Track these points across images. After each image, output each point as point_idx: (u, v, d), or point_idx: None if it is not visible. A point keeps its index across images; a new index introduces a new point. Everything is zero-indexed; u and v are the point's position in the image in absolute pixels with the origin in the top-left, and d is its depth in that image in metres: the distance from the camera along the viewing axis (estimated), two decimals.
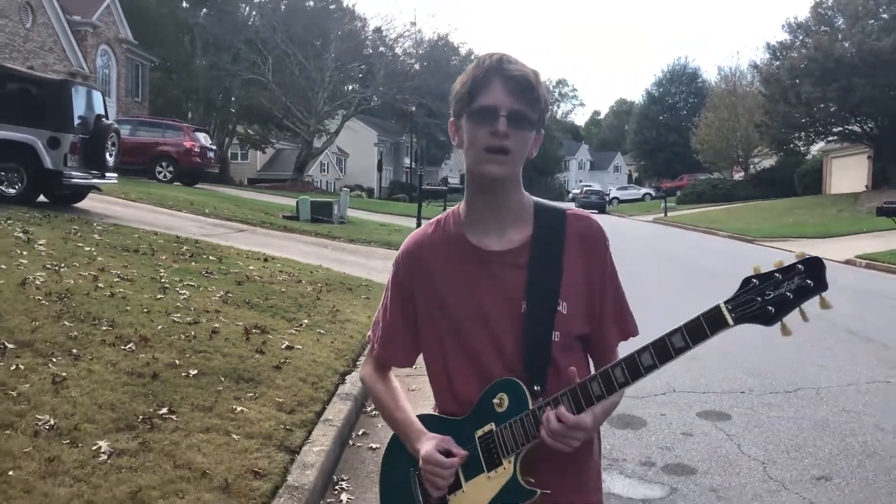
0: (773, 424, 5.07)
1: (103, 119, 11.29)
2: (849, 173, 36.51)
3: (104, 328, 5.03)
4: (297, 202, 18.62)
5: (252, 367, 4.91)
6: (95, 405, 3.80)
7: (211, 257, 8.94)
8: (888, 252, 16.14)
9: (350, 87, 42.49)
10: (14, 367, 4.08)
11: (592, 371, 1.54)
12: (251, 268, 8.75)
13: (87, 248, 7.71)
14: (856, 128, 34.41)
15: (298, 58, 36.40)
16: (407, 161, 54.64)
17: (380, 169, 46.20)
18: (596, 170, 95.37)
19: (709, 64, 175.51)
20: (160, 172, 21.76)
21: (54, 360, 4.32)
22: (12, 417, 3.48)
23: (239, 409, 4.15)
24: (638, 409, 5.32)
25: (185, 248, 9.25)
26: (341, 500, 3.70)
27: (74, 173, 10.52)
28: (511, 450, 1.47)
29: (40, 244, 7.37)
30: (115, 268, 7.00)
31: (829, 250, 18.40)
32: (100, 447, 3.35)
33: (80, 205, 11.87)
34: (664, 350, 1.36)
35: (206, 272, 7.79)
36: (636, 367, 1.39)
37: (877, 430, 4.98)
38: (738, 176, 49.89)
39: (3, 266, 6.04)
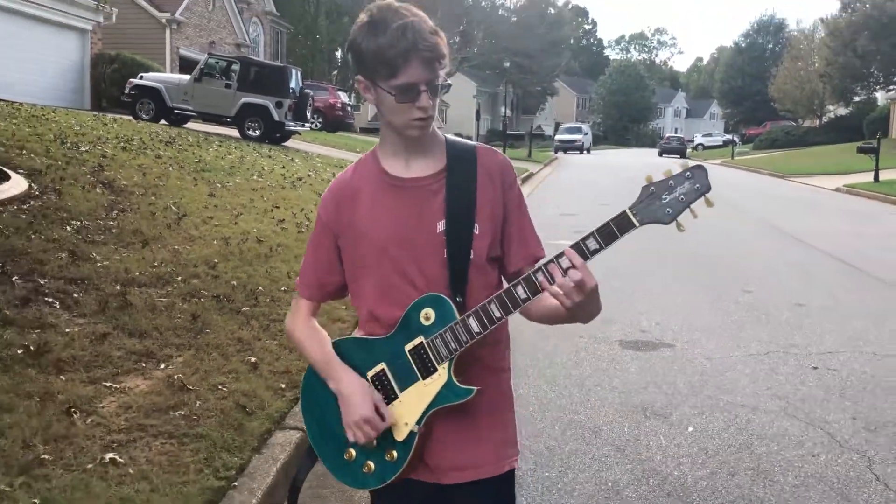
0: None
1: (303, 88, 17.84)
2: None
3: None
4: None
5: None
6: None
7: None
8: (867, 183, 20.90)
9: (453, 42, 48.34)
10: None
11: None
12: None
13: (318, 164, 14.25)
14: None
15: None
16: (502, 110, 59.92)
17: (478, 118, 51.03)
18: (692, 117, 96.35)
19: (796, 15, 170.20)
20: (312, 123, 28.58)
21: None
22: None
23: None
24: None
25: None
26: None
27: (290, 123, 17.14)
28: (445, 357, 1.59)
29: (296, 162, 13.92)
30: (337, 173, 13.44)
31: (829, 182, 23.17)
32: None
33: (287, 144, 18.53)
34: (581, 252, 1.50)
35: None
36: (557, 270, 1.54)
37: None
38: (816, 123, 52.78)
39: (293, 170, 12.57)
